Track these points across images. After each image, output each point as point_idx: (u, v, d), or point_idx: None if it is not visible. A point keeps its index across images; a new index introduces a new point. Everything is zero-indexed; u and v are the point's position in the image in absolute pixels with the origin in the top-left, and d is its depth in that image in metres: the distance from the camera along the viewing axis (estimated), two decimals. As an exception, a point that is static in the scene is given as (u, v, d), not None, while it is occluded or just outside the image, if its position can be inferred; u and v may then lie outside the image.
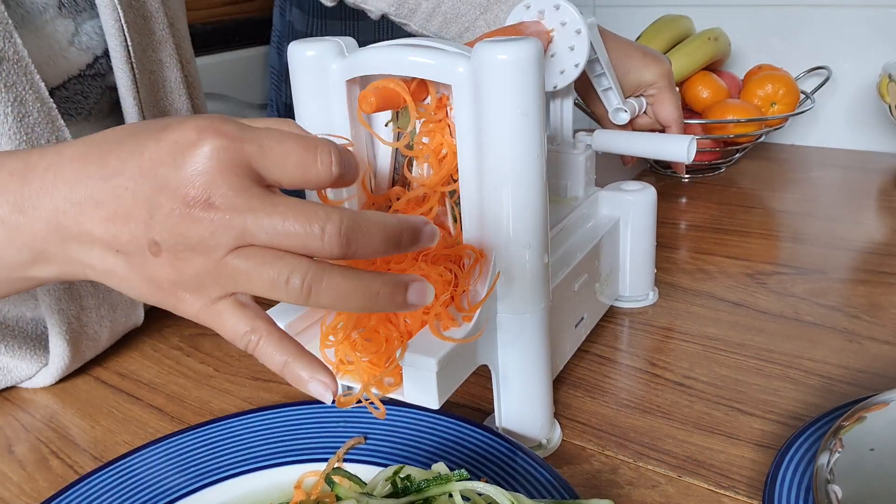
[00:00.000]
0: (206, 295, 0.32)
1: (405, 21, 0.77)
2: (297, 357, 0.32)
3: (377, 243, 0.31)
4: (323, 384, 0.32)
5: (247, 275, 0.30)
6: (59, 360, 0.57)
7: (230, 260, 0.30)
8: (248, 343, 0.32)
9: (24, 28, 0.52)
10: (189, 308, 0.32)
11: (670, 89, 0.70)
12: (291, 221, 0.30)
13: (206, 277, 0.31)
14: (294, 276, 0.30)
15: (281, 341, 0.33)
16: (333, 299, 0.31)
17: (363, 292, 0.31)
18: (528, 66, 0.37)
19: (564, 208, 0.57)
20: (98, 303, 0.59)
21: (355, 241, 0.30)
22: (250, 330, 0.32)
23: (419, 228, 0.33)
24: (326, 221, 0.30)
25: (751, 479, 0.43)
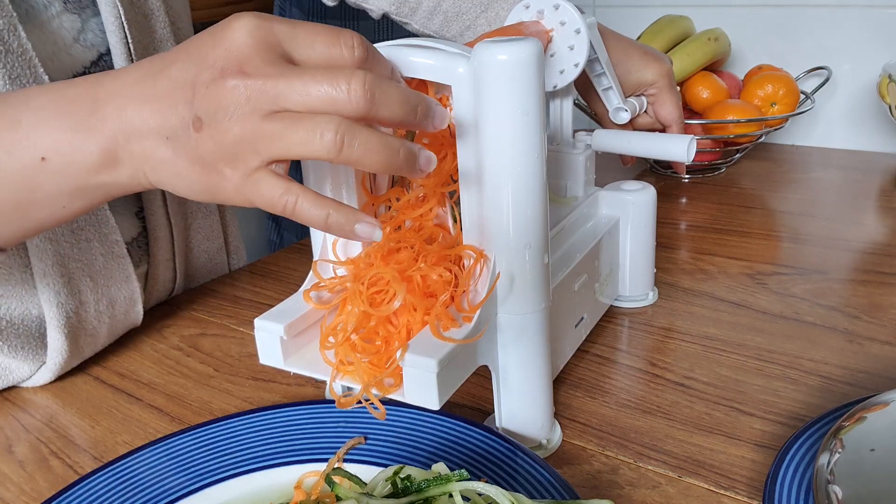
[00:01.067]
0: (245, 165, 0.34)
1: (406, 20, 0.77)
2: (336, 208, 0.34)
3: (396, 104, 0.33)
4: (369, 224, 0.34)
5: (282, 134, 0.32)
6: (57, 354, 0.57)
7: (266, 124, 0.33)
8: (286, 204, 0.34)
9: (29, 23, 0.52)
10: (229, 183, 0.34)
11: (671, 89, 0.70)
12: (320, 81, 0.32)
13: (245, 145, 0.33)
14: (327, 131, 0.32)
15: (317, 198, 0.34)
16: (363, 152, 0.33)
17: (387, 148, 0.33)
18: (528, 66, 0.37)
19: (564, 208, 0.57)
20: (97, 298, 0.59)
21: (378, 98, 0.33)
22: (286, 191, 0.34)
23: (431, 105, 0.35)
24: (351, 78, 0.32)
25: (751, 480, 0.43)
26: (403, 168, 0.34)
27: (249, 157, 0.34)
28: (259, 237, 1.50)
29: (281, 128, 0.33)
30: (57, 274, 0.55)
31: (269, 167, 0.34)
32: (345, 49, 0.34)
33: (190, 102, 0.34)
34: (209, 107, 0.33)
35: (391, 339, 0.41)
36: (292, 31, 0.34)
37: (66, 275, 0.56)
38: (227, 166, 0.34)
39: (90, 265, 0.58)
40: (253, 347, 0.62)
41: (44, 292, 0.55)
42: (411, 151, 0.34)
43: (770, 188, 0.93)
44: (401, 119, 0.34)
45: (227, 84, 0.33)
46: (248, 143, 0.33)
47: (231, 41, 0.33)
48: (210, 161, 0.34)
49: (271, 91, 0.33)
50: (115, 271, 0.60)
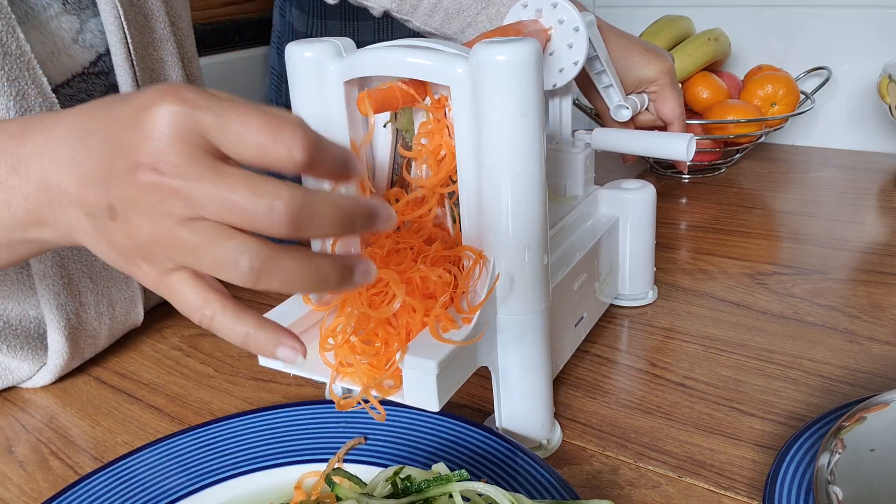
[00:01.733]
0: (159, 265, 0.31)
1: (407, 17, 0.77)
2: (258, 327, 0.32)
3: (328, 225, 0.30)
4: (291, 348, 0.32)
5: (195, 251, 0.30)
6: (58, 356, 0.57)
7: (180, 231, 0.30)
8: (203, 319, 0.32)
9: (27, 24, 0.52)
10: (145, 277, 0.32)
11: (672, 86, 0.70)
12: (239, 194, 0.29)
13: (157, 247, 0.31)
14: (242, 258, 0.29)
15: (238, 313, 0.32)
16: (283, 283, 0.30)
17: (313, 276, 0.31)
18: (527, 66, 0.37)
19: (563, 207, 0.57)
20: (97, 299, 0.59)
21: (306, 221, 0.29)
22: (203, 304, 0.32)
23: (375, 211, 0.32)
24: (274, 198, 0.29)
25: (751, 480, 0.43)
26: (338, 288, 0.32)
27: (162, 259, 0.31)
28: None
29: (196, 242, 0.29)
30: (57, 275, 0.55)
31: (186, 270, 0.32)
32: (282, 148, 0.29)
33: (105, 186, 0.31)
34: (122, 198, 0.30)
35: (391, 340, 0.41)
36: (220, 122, 0.29)
37: (65, 276, 0.56)
38: (143, 262, 0.32)
39: (90, 266, 0.58)
40: (253, 348, 0.62)
41: (44, 294, 0.55)
42: (345, 269, 0.31)
43: (770, 188, 0.93)
44: (335, 235, 0.32)
45: (140, 179, 0.29)
46: (161, 247, 0.30)
47: (147, 128, 0.29)
48: (125, 252, 0.32)
49: (185, 195, 0.29)
50: (115, 272, 0.60)
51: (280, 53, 1.41)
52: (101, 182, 0.31)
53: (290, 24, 1.39)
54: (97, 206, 0.32)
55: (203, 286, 0.32)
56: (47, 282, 0.55)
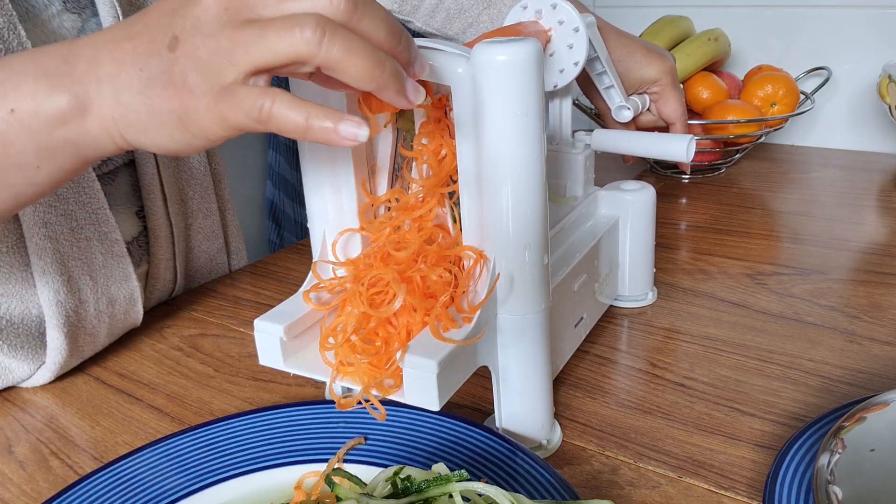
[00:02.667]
0: (220, 78, 0.32)
1: (408, 18, 0.77)
2: (316, 109, 0.32)
3: (380, 20, 0.32)
4: (354, 122, 0.32)
5: (258, 37, 0.31)
6: (56, 353, 0.57)
7: (241, 32, 0.31)
8: (263, 107, 0.32)
9: (29, 22, 0.52)
10: (201, 102, 0.32)
11: (674, 86, 0.70)
12: None
13: (220, 56, 0.32)
14: (306, 26, 0.30)
15: (296, 100, 0.32)
16: (344, 52, 0.31)
17: (373, 56, 0.31)
18: (528, 66, 0.37)
19: (563, 208, 0.57)
20: (96, 297, 0.59)
21: (362, 7, 0.31)
22: (261, 94, 0.32)
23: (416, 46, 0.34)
24: None
25: (751, 480, 0.43)
26: (389, 86, 0.32)
27: (225, 69, 0.32)
28: (259, 237, 1.50)
29: (257, 32, 0.31)
30: (56, 272, 0.55)
31: (245, 80, 0.32)
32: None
33: (167, 29, 0.33)
34: (186, 24, 0.32)
35: (391, 340, 0.41)
36: None
37: (65, 273, 0.56)
38: (202, 80, 0.32)
39: (90, 264, 0.58)
40: (253, 348, 0.62)
41: (43, 291, 0.55)
42: (399, 71, 0.32)
43: (770, 188, 0.93)
44: (382, 38, 0.32)
45: (204, 3, 0.32)
46: (224, 53, 0.31)
47: None
48: (182, 80, 0.32)
49: (248, 4, 0.32)
50: (115, 270, 0.60)
51: (280, 53, 1.40)
52: (161, 29, 0.33)
53: (290, 24, 1.38)
54: (155, 52, 0.33)
55: (260, 87, 0.32)
56: (47, 278, 0.55)
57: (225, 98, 0.32)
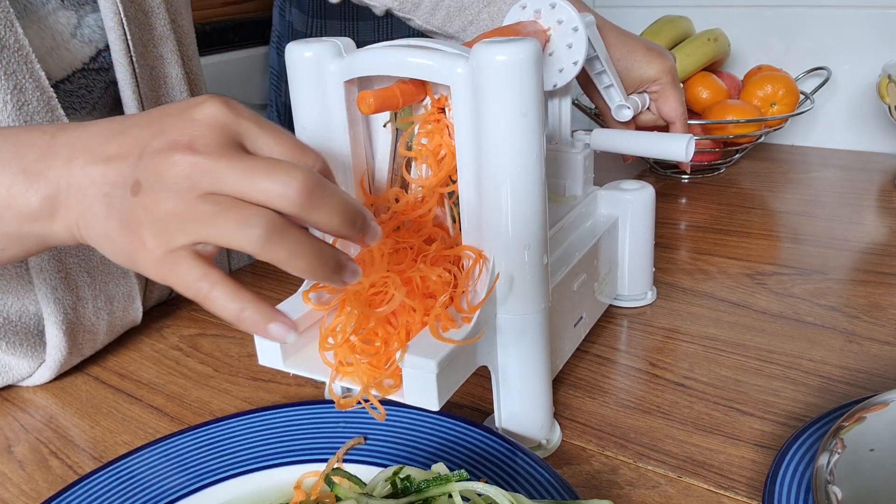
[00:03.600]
0: (169, 240, 0.33)
1: (409, 16, 0.77)
2: (252, 303, 0.33)
3: (334, 211, 0.33)
4: (284, 325, 0.33)
5: (211, 218, 0.32)
6: (56, 351, 0.57)
7: (199, 203, 0.32)
8: (200, 290, 0.33)
9: (25, 18, 0.52)
10: (149, 255, 0.33)
11: (674, 86, 0.70)
12: (260, 171, 0.32)
13: (175, 220, 0.32)
14: (255, 224, 0.31)
15: (235, 289, 0.33)
16: (288, 254, 0.32)
17: (316, 257, 0.33)
18: (527, 66, 0.37)
19: (563, 208, 0.57)
20: (94, 294, 0.59)
21: (315, 200, 0.32)
22: (202, 277, 0.33)
23: (370, 221, 0.35)
24: (292, 173, 0.32)
25: (751, 480, 0.43)
26: (328, 279, 0.34)
27: (176, 233, 0.33)
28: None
29: (212, 212, 0.32)
30: (54, 269, 0.55)
31: (193, 248, 0.33)
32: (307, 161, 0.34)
33: (135, 166, 0.33)
34: (150, 174, 0.33)
35: (390, 339, 0.41)
36: (257, 130, 0.34)
37: (63, 270, 0.56)
38: (153, 237, 0.33)
39: (87, 261, 0.58)
40: (252, 347, 0.62)
41: (41, 288, 0.55)
42: (340, 263, 0.34)
43: (770, 188, 0.93)
44: (335, 228, 0.33)
45: (174, 157, 0.32)
46: (178, 220, 0.32)
47: (192, 117, 0.33)
48: (137, 228, 0.33)
49: (212, 172, 0.32)
50: (113, 267, 0.60)
51: (280, 53, 1.41)
52: (130, 160, 0.33)
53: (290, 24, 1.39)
54: (120, 184, 0.33)
55: (204, 262, 0.33)
56: (44, 276, 0.55)
57: (169, 264, 0.33)
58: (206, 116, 0.33)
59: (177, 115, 0.34)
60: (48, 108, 0.52)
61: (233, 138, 0.34)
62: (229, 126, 0.34)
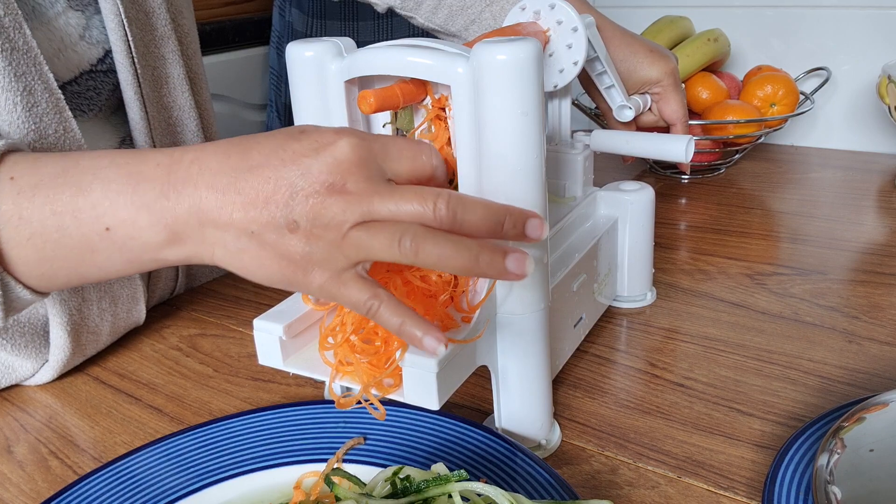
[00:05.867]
0: (333, 266, 0.36)
1: (411, 14, 0.77)
2: (411, 318, 0.36)
3: (479, 219, 0.35)
4: (436, 339, 0.35)
5: (367, 241, 0.35)
6: (59, 351, 0.57)
7: (355, 232, 0.35)
8: (371, 308, 0.36)
9: (34, 20, 0.52)
10: (316, 281, 0.36)
11: (676, 87, 0.70)
12: (409, 199, 0.35)
13: (335, 249, 0.35)
14: (405, 237, 0.34)
15: (398, 306, 0.36)
16: (438, 257, 0.34)
17: (466, 253, 0.34)
18: (528, 65, 0.37)
19: (563, 208, 0.57)
20: (100, 295, 0.59)
21: (461, 212, 0.35)
22: (372, 296, 0.36)
23: (525, 217, 0.36)
24: (437, 198, 0.35)
25: (750, 480, 0.43)
26: (488, 272, 0.35)
27: (338, 259, 0.35)
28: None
29: (367, 236, 0.35)
30: None
31: (355, 269, 0.36)
32: (425, 158, 0.38)
33: (286, 205, 0.35)
34: (308, 214, 0.35)
35: (391, 339, 0.41)
36: (385, 149, 0.37)
37: None
38: (317, 267, 0.36)
39: None
40: (252, 347, 0.62)
41: None
42: (494, 252, 0.35)
43: (769, 189, 0.93)
44: (486, 230, 0.35)
45: (331, 198, 0.35)
46: (338, 248, 0.35)
47: (335, 156, 0.35)
48: (299, 260, 0.36)
49: (367, 206, 0.35)
50: None
51: (280, 53, 1.41)
52: (279, 203, 0.35)
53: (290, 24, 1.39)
54: (271, 225, 0.35)
55: (369, 283, 0.36)
56: None
57: (338, 286, 0.36)
58: (348, 156, 0.35)
59: (315, 154, 0.35)
60: (56, 109, 0.52)
61: (374, 167, 0.36)
62: (367, 156, 0.36)
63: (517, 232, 0.36)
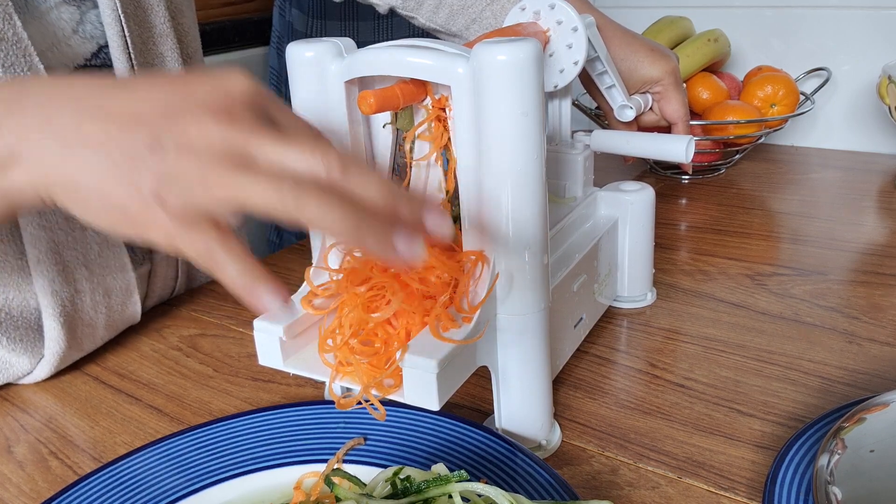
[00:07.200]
0: (188, 201, 0.31)
1: (412, 14, 0.77)
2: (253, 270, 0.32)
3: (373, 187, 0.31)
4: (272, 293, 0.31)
5: (243, 182, 0.30)
6: (55, 344, 0.57)
7: (230, 169, 0.30)
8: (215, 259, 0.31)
9: (28, 13, 0.52)
10: (161, 216, 0.31)
11: (677, 86, 0.70)
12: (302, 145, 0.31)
13: (199, 181, 0.31)
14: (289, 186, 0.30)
15: (246, 262, 0.32)
16: (320, 215, 0.30)
17: (352, 217, 0.30)
18: (528, 66, 0.37)
19: (563, 208, 0.57)
20: (92, 287, 0.59)
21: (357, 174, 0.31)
22: (221, 244, 0.31)
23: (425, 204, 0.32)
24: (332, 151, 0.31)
25: (751, 481, 0.43)
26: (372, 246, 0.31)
27: (198, 195, 0.31)
28: (259, 237, 1.50)
29: (245, 177, 0.30)
30: (51, 261, 0.55)
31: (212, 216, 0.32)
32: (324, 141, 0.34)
33: (158, 124, 0.31)
34: (178, 135, 0.31)
35: (391, 339, 0.41)
36: (281, 106, 0.35)
37: (60, 262, 0.56)
38: (171, 198, 0.31)
39: (85, 254, 0.58)
40: (252, 348, 0.62)
41: (38, 280, 0.55)
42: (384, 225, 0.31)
43: (770, 189, 0.93)
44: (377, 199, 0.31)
45: (209, 123, 0.31)
46: (202, 182, 0.31)
47: (226, 88, 0.33)
48: (151, 188, 0.31)
49: (253, 141, 0.31)
50: (111, 261, 0.60)
51: (280, 53, 1.41)
52: (150, 122, 0.31)
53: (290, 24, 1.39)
54: (131, 144, 0.31)
55: (223, 230, 0.32)
56: (42, 268, 0.55)
57: (184, 227, 0.31)
58: (242, 86, 0.33)
59: (205, 83, 0.32)
60: None
61: (264, 109, 0.33)
62: (260, 99, 0.33)
63: (415, 218, 0.32)
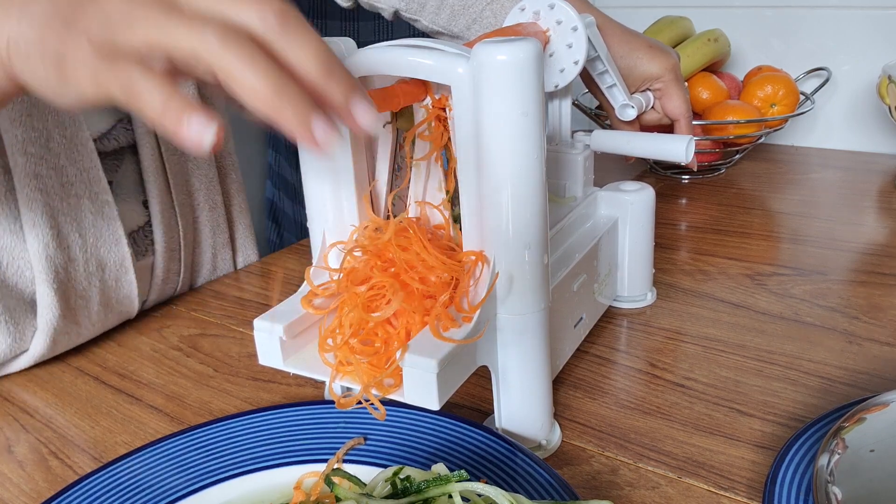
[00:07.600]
0: (113, 38, 0.30)
1: (416, 17, 0.77)
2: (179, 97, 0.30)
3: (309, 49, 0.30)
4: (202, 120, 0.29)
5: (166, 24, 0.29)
6: (48, 311, 0.57)
7: (156, 9, 0.30)
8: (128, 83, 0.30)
9: None
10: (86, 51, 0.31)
11: (678, 83, 0.70)
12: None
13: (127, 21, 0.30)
14: (215, 33, 0.29)
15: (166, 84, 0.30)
16: (240, 63, 0.29)
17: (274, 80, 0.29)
18: (528, 66, 0.37)
19: (563, 208, 0.57)
20: (86, 257, 0.59)
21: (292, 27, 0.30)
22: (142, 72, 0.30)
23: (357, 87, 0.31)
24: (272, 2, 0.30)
25: (751, 481, 0.43)
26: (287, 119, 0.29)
27: (123, 31, 0.30)
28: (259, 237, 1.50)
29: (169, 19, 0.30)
30: (46, 225, 0.56)
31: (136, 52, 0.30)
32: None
33: None
34: None
35: (391, 339, 0.41)
36: None
37: (55, 227, 0.56)
38: (97, 33, 0.31)
39: (79, 222, 0.58)
40: (252, 348, 0.62)
41: (32, 244, 0.55)
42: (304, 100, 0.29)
43: (770, 189, 0.93)
44: (310, 67, 0.30)
45: None
46: (131, 20, 0.30)
47: None
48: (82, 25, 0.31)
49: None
50: (105, 232, 0.61)
51: (280, 53, 1.41)
52: None
53: (290, 24, 1.39)
54: None
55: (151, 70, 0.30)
56: (36, 231, 0.55)
57: (107, 59, 0.30)
58: None
59: None
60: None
61: None
62: None
63: (343, 101, 0.31)
